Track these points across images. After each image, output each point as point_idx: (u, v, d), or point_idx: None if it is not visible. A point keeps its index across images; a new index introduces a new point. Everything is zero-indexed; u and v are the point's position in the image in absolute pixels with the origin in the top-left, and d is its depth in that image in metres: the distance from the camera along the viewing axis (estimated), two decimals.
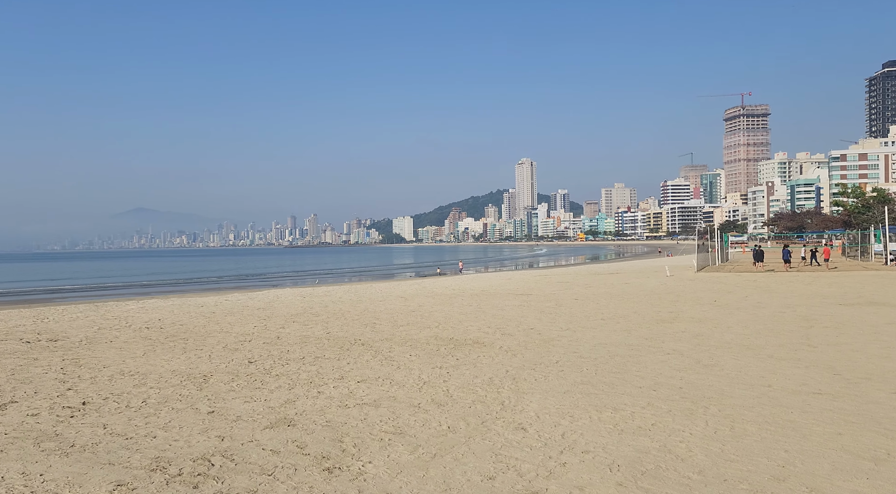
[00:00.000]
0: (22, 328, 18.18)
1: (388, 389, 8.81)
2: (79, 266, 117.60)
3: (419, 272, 62.32)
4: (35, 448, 6.49)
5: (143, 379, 10.04)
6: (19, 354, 13.11)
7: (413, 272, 63.85)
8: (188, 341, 14.30)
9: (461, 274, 52.86)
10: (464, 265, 69.51)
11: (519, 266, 74.84)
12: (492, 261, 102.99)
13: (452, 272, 59.72)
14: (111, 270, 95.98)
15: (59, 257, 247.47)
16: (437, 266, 72.82)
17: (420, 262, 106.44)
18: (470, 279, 39.68)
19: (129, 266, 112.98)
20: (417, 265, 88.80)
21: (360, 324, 16.40)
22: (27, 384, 9.98)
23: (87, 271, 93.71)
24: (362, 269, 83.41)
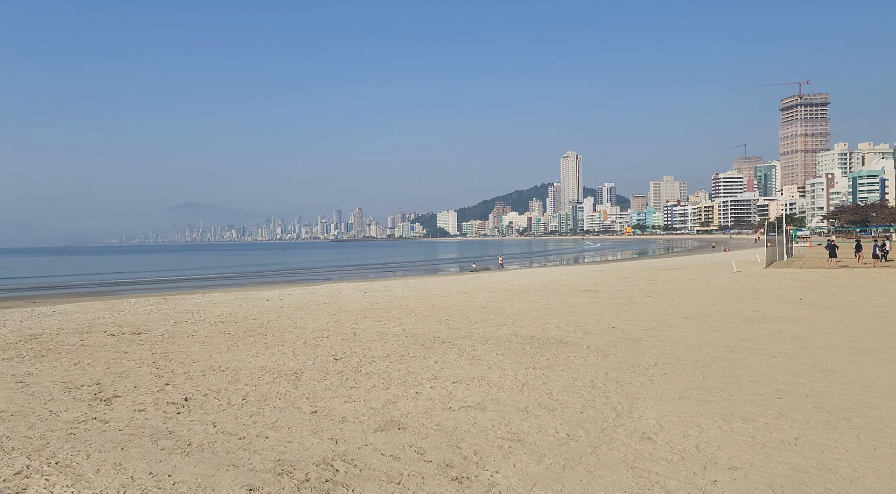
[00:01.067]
0: (102, 321, 18.72)
1: (488, 391, 8.54)
2: (137, 260, 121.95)
3: (469, 267, 61.96)
4: (154, 446, 6.48)
5: (236, 375, 10.07)
6: (108, 347, 13.41)
7: (464, 267, 63.53)
8: (266, 336, 14.38)
9: (502, 270, 52.04)
10: (504, 260, 68.16)
11: (570, 261, 73.72)
12: (540, 256, 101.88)
13: (495, 268, 59.21)
14: (168, 263, 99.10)
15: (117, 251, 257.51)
16: (472, 261, 72.08)
17: (467, 257, 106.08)
18: (524, 275, 39.14)
19: (183, 260, 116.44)
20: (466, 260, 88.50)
21: (432, 321, 16.22)
22: (125, 377, 10.14)
23: (146, 264, 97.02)
24: (411, 263, 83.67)
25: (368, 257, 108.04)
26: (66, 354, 12.61)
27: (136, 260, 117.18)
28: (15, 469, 5.81)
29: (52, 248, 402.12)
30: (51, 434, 6.99)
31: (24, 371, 10.85)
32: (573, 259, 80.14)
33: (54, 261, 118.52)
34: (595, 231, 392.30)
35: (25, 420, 7.63)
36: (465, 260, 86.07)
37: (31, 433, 7.08)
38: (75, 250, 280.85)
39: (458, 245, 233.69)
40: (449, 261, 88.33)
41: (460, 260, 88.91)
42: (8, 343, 14.38)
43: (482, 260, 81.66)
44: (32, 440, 6.80)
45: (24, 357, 12.28)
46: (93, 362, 11.63)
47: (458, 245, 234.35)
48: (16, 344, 14.28)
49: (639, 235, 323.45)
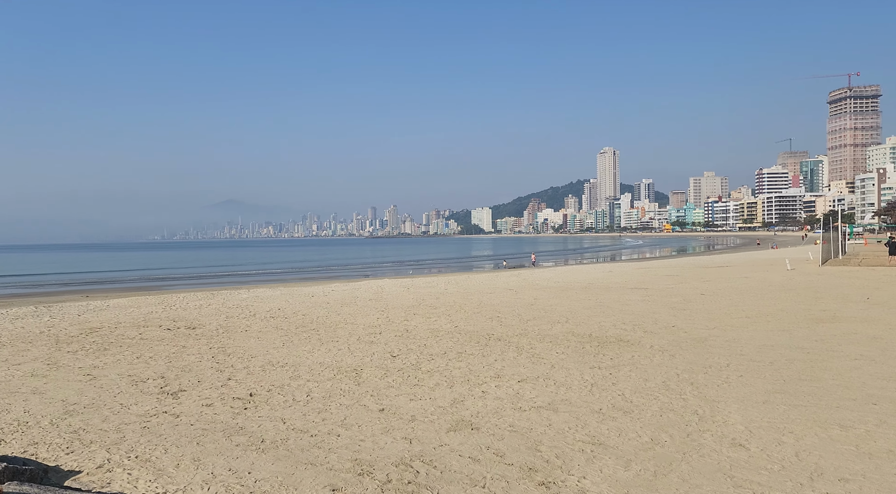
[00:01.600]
0: (156, 315, 19.06)
1: (556, 391, 8.28)
2: (179, 256, 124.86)
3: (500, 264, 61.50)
4: (228, 442, 6.43)
5: (296, 371, 10.04)
6: (167, 341, 13.60)
7: (501, 264, 63.04)
8: (319, 332, 14.39)
9: (535, 267, 51.23)
10: (538, 258, 66.89)
11: (611, 258, 72.52)
12: (578, 253, 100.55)
13: (528, 265, 58.60)
14: (209, 259, 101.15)
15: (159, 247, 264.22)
16: (503, 259, 71.30)
17: (503, 254, 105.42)
18: (566, 272, 38.59)
19: (224, 256, 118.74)
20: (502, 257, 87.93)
21: (483, 317, 16.00)
22: (188, 372, 10.21)
23: (188, 260, 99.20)
24: (448, 260, 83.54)
25: (404, 254, 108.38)
26: (128, 347, 12.82)
27: (179, 256, 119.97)
28: (97, 463, 5.83)
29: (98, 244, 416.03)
30: (125, 428, 7.03)
31: (90, 364, 11.04)
32: (614, 256, 78.79)
33: (101, 257, 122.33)
34: (632, 228, 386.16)
35: (99, 413, 7.71)
36: (502, 257, 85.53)
37: (106, 425, 7.13)
38: (120, 247, 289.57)
39: (493, 242, 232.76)
40: (486, 258, 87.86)
41: (496, 257, 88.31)
42: (70, 336, 14.73)
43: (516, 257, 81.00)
44: (109, 433, 6.84)
45: (88, 350, 12.53)
46: (154, 356, 11.78)
47: (492, 242, 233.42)
48: (78, 337, 14.62)
49: (678, 232, 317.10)
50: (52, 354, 12.24)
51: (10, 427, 7.11)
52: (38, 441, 6.58)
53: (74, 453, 6.14)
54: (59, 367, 10.88)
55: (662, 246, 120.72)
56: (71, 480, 5.39)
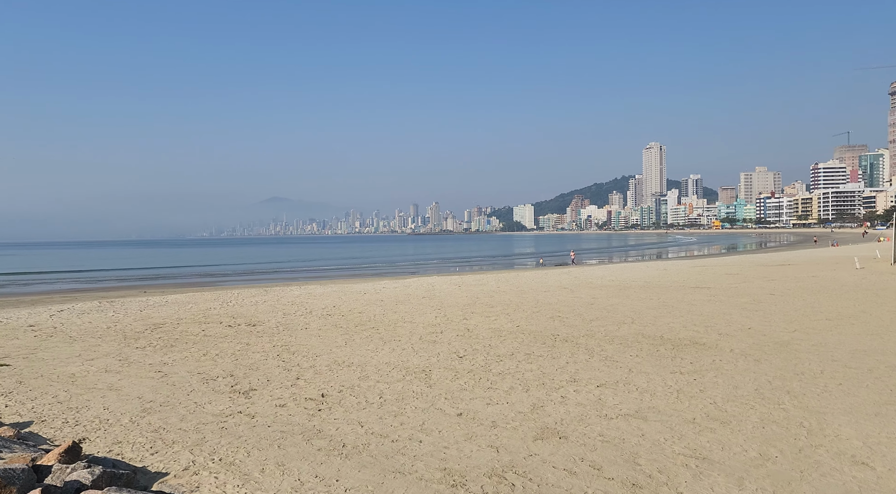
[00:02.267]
0: (215, 312, 19.32)
1: (640, 397, 7.86)
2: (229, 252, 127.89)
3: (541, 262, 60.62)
4: (309, 446, 6.27)
5: (363, 371, 9.87)
6: (230, 338, 13.69)
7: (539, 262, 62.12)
8: (379, 331, 14.25)
9: (574, 265, 49.94)
10: (576, 256, 65.01)
11: (662, 256, 70.69)
12: (624, 250, 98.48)
13: (575, 264, 57.49)
14: (257, 256, 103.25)
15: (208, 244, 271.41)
16: (541, 256, 70.02)
17: (551, 251, 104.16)
18: (619, 270, 37.64)
19: (272, 252, 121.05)
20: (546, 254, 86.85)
21: (544, 317, 15.60)
22: (255, 370, 10.18)
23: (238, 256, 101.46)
24: (493, 257, 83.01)
25: (448, 251, 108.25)
26: (193, 344, 12.94)
27: (228, 253, 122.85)
28: (182, 465, 5.73)
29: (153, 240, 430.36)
30: (204, 428, 6.96)
31: (160, 361, 11.15)
32: (665, 254, 76.81)
33: (153, 253, 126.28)
34: (679, 225, 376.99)
35: (175, 412, 7.68)
36: (546, 254, 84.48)
37: (185, 425, 7.08)
38: (172, 243, 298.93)
39: (535, 239, 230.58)
40: (530, 255, 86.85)
41: (541, 254, 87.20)
42: (136, 332, 15.01)
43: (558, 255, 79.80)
44: (188, 432, 6.78)
45: (156, 347, 12.69)
46: (220, 353, 11.83)
47: (534, 239, 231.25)
48: (144, 333, 14.88)
49: (728, 228, 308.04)
50: (121, 350, 12.44)
51: (93, 425, 7.13)
52: (121, 439, 6.56)
53: (159, 453, 6.07)
54: (130, 363, 11.02)
55: (714, 243, 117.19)
56: (159, 483, 5.30)
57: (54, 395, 8.65)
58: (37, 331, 15.68)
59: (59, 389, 9.03)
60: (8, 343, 13.64)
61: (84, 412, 7.76)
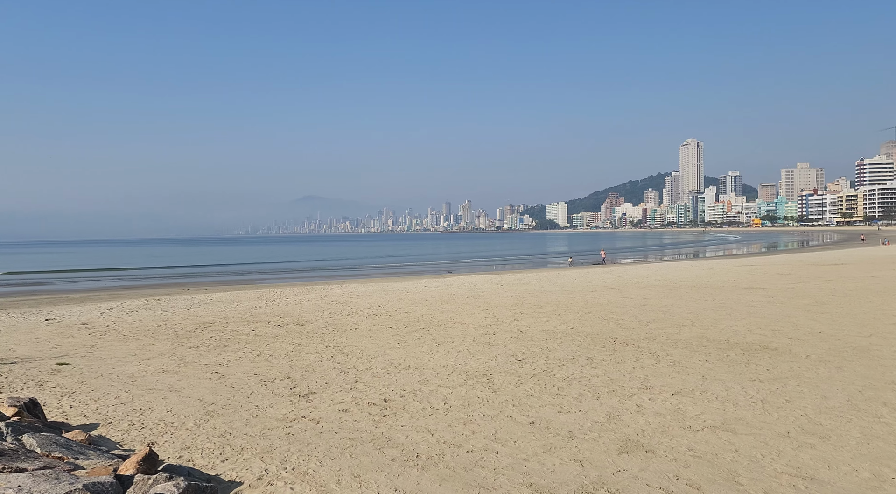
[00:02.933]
0: (261, 311, 19.36)
1: (722, 407, 7.41)
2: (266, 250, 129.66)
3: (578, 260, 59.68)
4: (381, 455, 6.02)
5: (422, 374, 9.62)
6: (280, 338, 13.61)
7: (583, 260, 61.21)
8: (430, 332, 14.01)
9: (604, 264, 48.64)
10: (606, 254, 63.00)
11: (704, 254, 69.00)
12: (661, 248, 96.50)
13: (606, 263, 56.36)
14: (293, 253, 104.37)
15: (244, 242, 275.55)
16: (569, 256, 68.65)
17: (587, 249, 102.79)
18: (665, 269, 36.69)
19: (307, 250, 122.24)
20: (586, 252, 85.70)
21: (597, 318, 15.14)
22: (312, 372, 10.02)
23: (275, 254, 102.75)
24: (529, 255, 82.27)
25: (482, 249, 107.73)
26: (245, 344, 12.89)
27: (265, 251, 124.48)
28: (255, 473, 5.54)
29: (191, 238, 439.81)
30: (270, 433, 6.78)
31: (215, 361, 11.09)
32: (706, 253, 74.92)
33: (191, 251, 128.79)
34: (717, 223, 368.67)
35: (238, 415, 7.54)
36: (583, 253, 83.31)
37: (251, 430, 6.92)
38: (210, 241, 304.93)
39: (569, 237, 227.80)
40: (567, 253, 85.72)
41: (577, 253, 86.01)
42: (187, 331, 15.07)
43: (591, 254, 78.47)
44: (255, 438, 6.61)
45: (209, 346, 12.68)
46: (274, 353, 11.73)
47: (568, 237, 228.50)
48: (194, 332, 14.94)
49: (768, 226, 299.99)
50: (175, 349, 12.46)
51: (159, 428, 7.03)
52: (189, 444, 6.42)
53: (229, 461, 5.90)
54: (186, 363, 10.99)
55: (756, 242, 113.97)
56: (235, 492, 5.11)
57: (116, 396, 8.62)
58: (90, 329, 15.90)
59: (121, 389, 9.00)
60: (65, 342, 13.82)
61: (148, 414, 7.68)
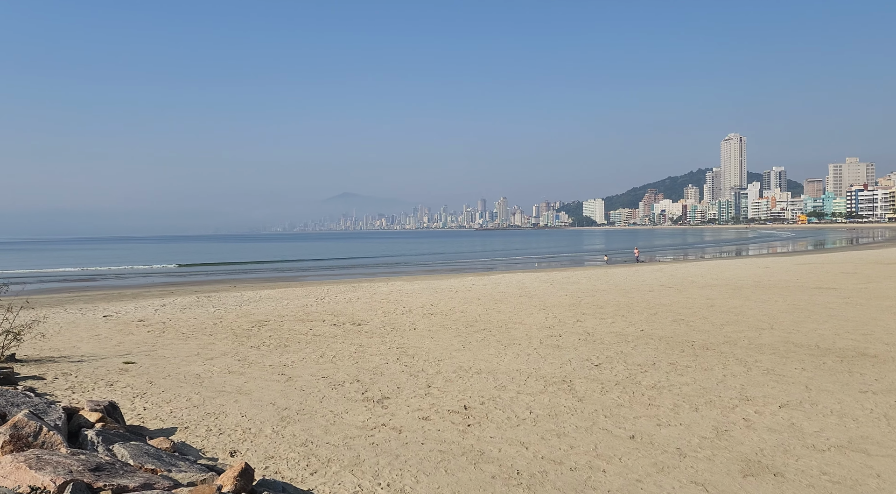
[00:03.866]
0: (313, 309, 19.20)
1: (842, 423, 6.75)
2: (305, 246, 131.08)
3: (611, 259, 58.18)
4: (479, 472, 5.59)
5: (496, 379, 9.17)
6: (340, 338, 13.33)
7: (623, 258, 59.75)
8: (492, 332, 13.55)
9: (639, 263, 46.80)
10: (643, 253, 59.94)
11: (754, 252, 66.74)
12: (707, 246, 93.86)
13: (640, 262, 54.80)
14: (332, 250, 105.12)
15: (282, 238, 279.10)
16: (604, 253, 66.70)
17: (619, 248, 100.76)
18: (718, 267, 35.34)
19: (345, 247, 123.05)
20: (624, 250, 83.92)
21: (665, 320, 14.45)
22: (380, 375, 9.67)
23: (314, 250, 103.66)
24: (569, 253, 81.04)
25: (520, 246, 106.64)
26: (306, 344, 12.64)
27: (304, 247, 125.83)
28: (349, 490, 5.18)
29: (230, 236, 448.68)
30: (353, 443, 6.42)
31: (279, 362, 10.85)
32: (756, 250, 72.48)
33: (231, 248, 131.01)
34: (761, 219, 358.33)
35: (315, 422, 7.21)
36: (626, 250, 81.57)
37: (332, 438, 6.57)
38: (248, 238, 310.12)
39: (606, 234, 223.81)
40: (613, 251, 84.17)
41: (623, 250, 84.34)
42: (244, 330, 14.94)
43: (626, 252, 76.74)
44: (339, 448, 6.26)
45: (270, 346, 12.47)
46: (336, 354, 11.43)
47: (605, 234, 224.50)
48: (251, 330, 14.80)
49: (815, 223, 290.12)
50: (237, 349, 12.29)
51: (236, 434, 6.74)
52: (272, 453, 6.11)
53: (318, 474, 5.55)
54: (249, 363, 10.78)
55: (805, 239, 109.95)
56: None
57: (187, 398, 8.40)
58: (149, 326, 15.93)
59: (190, 391, 8.80)
60: (126, 339, 13.83)
61: (222, 418, 7.42)
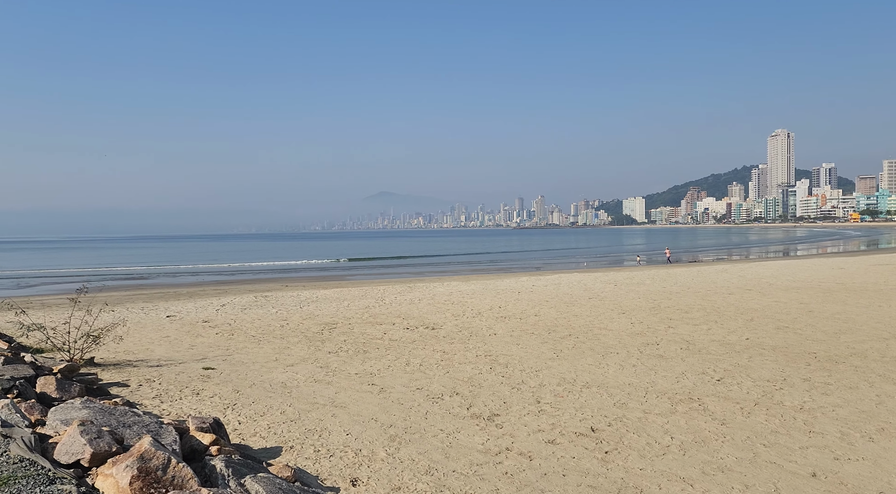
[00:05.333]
0: (378, 311, 18.60)
1: None
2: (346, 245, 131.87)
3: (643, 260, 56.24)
4: None
5: (609, 394, 8.29)
6: (418, 343, 12.63)
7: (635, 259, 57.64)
8: (578, 338, 12.67)
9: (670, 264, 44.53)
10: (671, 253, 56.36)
11: (814, 252, 63.80)
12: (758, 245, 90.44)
13: (671, 262, 52.62)
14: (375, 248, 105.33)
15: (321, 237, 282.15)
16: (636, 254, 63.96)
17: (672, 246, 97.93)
18: (784, 267, 33.47)
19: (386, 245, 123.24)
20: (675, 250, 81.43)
21: (766, 327, 13.29)
22: (479, 387, 8.90)
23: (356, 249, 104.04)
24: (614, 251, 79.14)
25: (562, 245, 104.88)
26: (386, 350, 11.97)
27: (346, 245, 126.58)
28: None
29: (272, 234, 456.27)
30: (484, 472, 5.65)
31: (364, 370, 10.19)
32: (817, 249, 69.34)
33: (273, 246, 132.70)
34: (810, 218, 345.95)
35: (429, 443, 6.48)
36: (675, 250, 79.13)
37: (457, 465, 5.82)
38: (289, 236, 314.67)
39: (646, 233, 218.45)
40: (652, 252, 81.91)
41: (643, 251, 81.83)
42: (314, 333, 14.39)
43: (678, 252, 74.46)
44: (470, 478, 5.48)
45: (349, 352, 11.84)
46: (422, 363, 10.72)
47: (645, 233, 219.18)
48: (322, 334, 14.24)
49: (868, 222, 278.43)
50: (314, 354, 11.70)
51: (348, 457, 6.05)
52: (398, 484, 5.38)
53: None
54: (333, 371, 10.15)
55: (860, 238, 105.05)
56: None
57: (281, 410, 7.78)
58: (216, 328, 15.54)
59: (282, 402, 8.19)
60: (197, 342, 13.42)
61: (326, 436, 6.76)
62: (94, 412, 4.91)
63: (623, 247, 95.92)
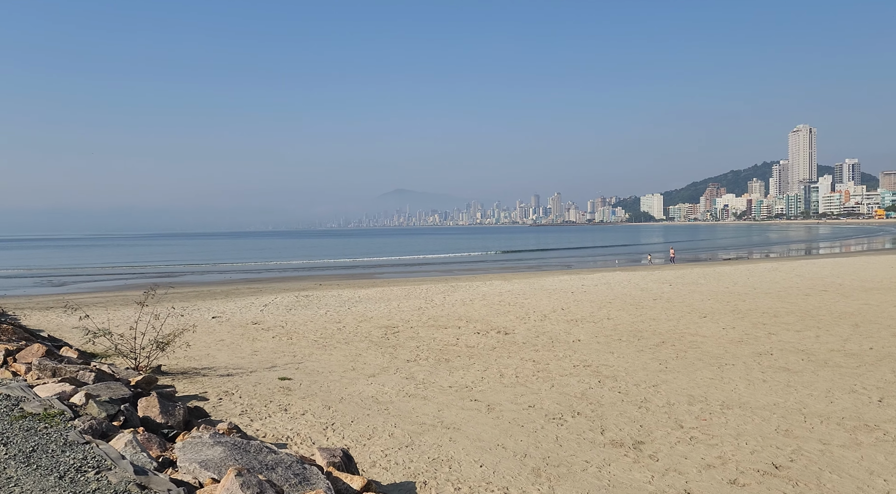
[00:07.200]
0: (433, 313, 17.63)
1: None
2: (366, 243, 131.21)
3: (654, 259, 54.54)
4: None
5: (761, 418, 7.20)
6: (500, 351, 11.60)
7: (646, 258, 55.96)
8: (674, 346, 11.58)
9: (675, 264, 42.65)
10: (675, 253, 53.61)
11: (851, 250, 61.76)
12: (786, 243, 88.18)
13: (675, 262, 50.90)
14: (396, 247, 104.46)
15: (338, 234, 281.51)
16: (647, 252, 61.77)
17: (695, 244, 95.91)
18: (831, 266, 31.88)
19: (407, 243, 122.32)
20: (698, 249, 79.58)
21: (886, 333, 12.07)
22: (599, 406, 7.83)
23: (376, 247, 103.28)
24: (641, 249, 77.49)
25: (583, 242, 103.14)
26: (469, 359, 10.95)
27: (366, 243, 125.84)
28: None
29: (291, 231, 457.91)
30: None
31: (457, 383, 9.18)
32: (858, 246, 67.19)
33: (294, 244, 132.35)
34: (833, 214, 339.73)
35: (581, 480, 5.48)
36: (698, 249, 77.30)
37: None
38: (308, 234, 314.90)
39: (665, 230, 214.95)
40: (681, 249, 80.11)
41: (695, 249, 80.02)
42: (379, 338, 13.42)
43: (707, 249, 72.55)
44: None
45: (429, 360, 10.86)
46: (518, 374, 9.69)
47: (664, 230, 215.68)
48: (386, 339, 13.26)
49: (894, 218, 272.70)
50: (392, 363, 10.72)
51: None
52: None
53: None
54: (423, 384, 9.16)
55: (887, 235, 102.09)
56: None
57: (388, 432, 6.80)
58: (270, 331, 14.65)
59: (383, 421, 7.21)
60: (258, 347, 12.50)
61: (456, 467, 5.76)
62: (227, 449, 3.96)
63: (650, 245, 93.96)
